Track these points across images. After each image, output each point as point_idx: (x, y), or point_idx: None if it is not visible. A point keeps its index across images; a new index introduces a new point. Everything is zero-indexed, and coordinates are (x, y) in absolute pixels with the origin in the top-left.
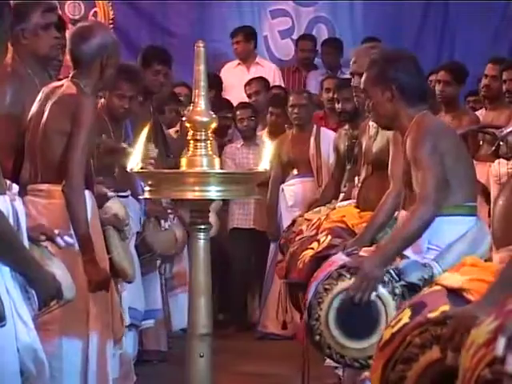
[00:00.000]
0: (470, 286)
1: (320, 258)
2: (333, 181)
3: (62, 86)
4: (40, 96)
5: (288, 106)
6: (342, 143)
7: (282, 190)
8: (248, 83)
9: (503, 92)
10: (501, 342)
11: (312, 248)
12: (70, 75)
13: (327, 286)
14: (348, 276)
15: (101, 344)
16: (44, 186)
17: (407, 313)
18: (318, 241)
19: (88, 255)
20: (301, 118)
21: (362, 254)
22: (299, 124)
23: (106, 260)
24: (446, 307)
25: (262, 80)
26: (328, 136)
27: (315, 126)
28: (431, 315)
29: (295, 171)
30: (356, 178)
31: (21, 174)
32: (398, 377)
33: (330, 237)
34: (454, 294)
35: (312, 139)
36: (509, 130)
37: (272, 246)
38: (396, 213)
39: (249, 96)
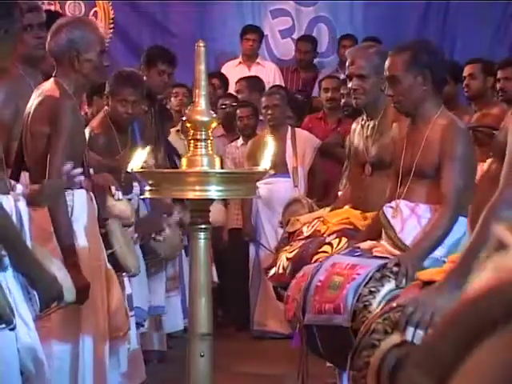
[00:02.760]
0: (439, 277)
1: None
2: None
3: (45, 85)
4: (32, 96)
5: (261, 108)
6: (348, 143)
7: (257, 187)
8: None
9: (486, 91)
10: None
11: (325, 252)
12: (53, 73)
13: (373, 289)
14: (392, 276)
15: (96, 346)
16: (35, 186)
17: (381, 306)
18: (330, 244)
19: (70, 260)
20: (275, 119)
21: (377, 254)
22: (274, 125)
23: (100, 260)
24: (410, 296)
25: (251, 80)
26: (303, 136)
27: (289, 127)
28: (393, 304)
29: (272, 171)
30: (344, 181)
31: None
32: (362, 362)
33: (345, 239)
34: (429, 284)
35: (288, 140)
36: None
37: (251, 247)
38: (393, 203)
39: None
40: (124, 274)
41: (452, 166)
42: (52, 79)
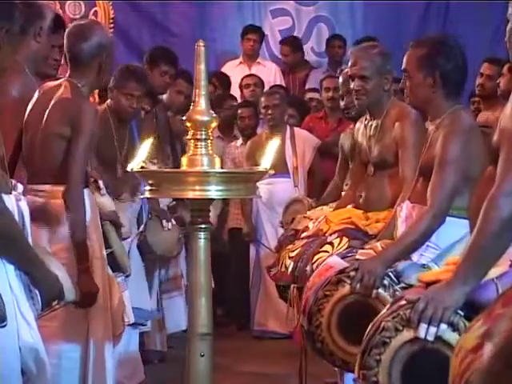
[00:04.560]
0: (445, 276)
1: None
2: (338, 180)
3: (59, 86)
4: (37, 96)
5: (261, 108)
6: (347, 142)
7: (257, 187)
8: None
9: (498, 91)
10: (488, 348)
11: (326, 251)
12: (67, 74)
13: (327, 293)
14: (348, 281)
15: (99, 347)
16: (44, 187)
17: (387, 306)
18: (331, 244)
19: (83, 264)
20: (274, 119)
21: (358, 257)
22: (273, 125)
23: (103, 258)
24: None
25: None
26: (302, 136)
27: (288, 127)
28: (403, 302)
29: (272, 171)
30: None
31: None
32: (373, 360)
33: (346, 239)
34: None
35: (288, 140)
36: None
37: (252, 247)
38: (402, 203)
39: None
40: (120, 274)
41: (440, 169)
42: (65, 81)
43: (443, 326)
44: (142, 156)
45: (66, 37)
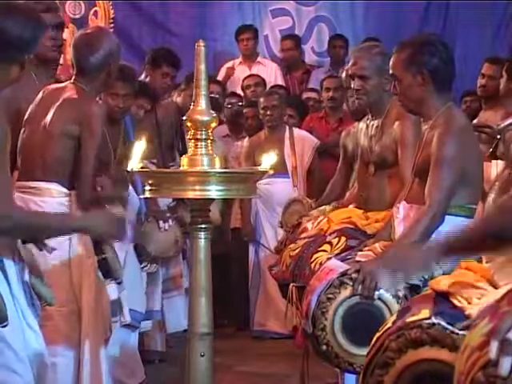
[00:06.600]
0: (453, 289)
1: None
2: (339, 179)
3: (65, 88)
4: (41, 96)
5: (260, 108)
6: (351, 142)
7: (257, 188)
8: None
9: (499, 91)
10: (494, 346)
11: (324, 250)
12: (73, 78)
13: (330, 296)
14: (350, 283)
15: (92, 347)
16: (35, 184)
17: (392, 318)
18: (330, 243)
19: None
20: (273, 120)
21: (358, 259)
22: (272, 126)
23: (94, 260)
24: (426, 311)
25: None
26: (301, 136)
27: (287, 127)
28: (409, 319)
29: (271, 171)
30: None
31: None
32: (375, 381)
33: (344, 238)
34: (442, 296)
35: (287, 140)
36: (507, 122)
37: (251, 248)
38: (398, 204)
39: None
40: (112, 280)
41: (437, 169)
42: (70, 84)
43: None
44: (136, 156)
45: (73, 47)
